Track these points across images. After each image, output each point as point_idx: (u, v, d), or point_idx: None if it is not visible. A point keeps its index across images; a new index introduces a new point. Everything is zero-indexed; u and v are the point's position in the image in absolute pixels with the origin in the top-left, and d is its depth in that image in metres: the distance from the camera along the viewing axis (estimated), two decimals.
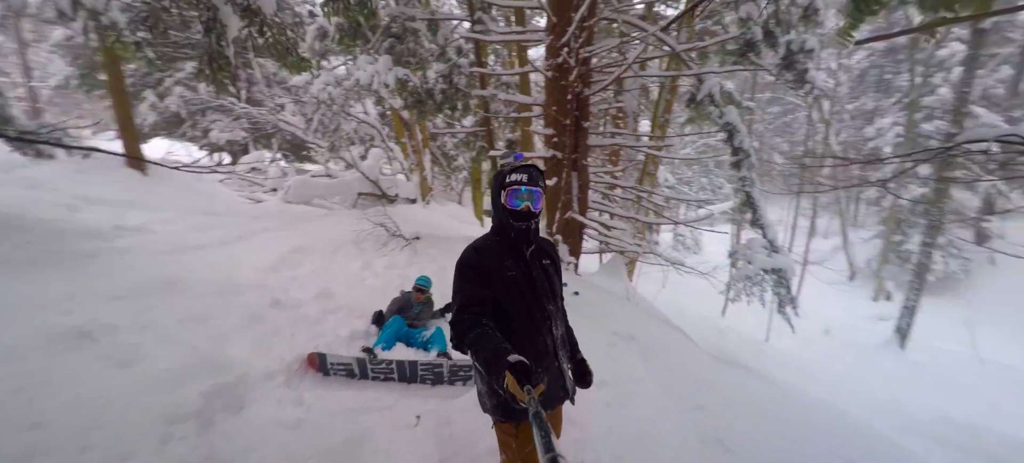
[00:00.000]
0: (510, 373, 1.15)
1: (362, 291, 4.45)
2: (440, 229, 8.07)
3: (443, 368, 3.01)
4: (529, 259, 1.55)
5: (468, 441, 2.44)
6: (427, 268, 5.18)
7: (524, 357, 1.39)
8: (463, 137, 8.89)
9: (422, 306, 3.81)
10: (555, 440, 0.89)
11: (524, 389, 1.13)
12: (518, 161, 1.55)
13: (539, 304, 1.53)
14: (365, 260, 5.32)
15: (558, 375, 1.55)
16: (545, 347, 1.53)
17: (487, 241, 1.59)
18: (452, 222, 10.28)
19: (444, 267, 5.23)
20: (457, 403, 2.75)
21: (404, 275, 4.92)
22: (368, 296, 4.35)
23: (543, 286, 1.56)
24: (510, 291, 1.49)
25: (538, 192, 1.50)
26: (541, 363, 1.51)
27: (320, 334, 3.42)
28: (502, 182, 1.52)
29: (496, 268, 1.49)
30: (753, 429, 2.85)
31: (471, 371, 3.06)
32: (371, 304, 4.18)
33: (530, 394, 1.12)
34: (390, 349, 3.25)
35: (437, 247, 5.93)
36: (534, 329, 1.51)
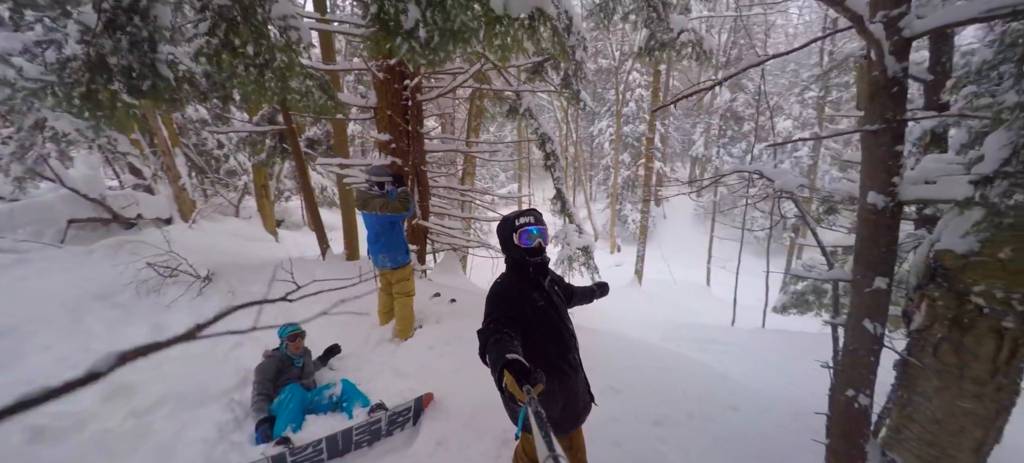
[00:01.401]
0: (508, 372, 1.19)
1: (178, 365, 3.20)
2: (234, 255, 6.36)
3: (381, 423, 2.64)
4: (548, 289, 1.73)
5: None
6: (266, 315, 4.13)
7: (554, 368, 1.61)
8: (246, 136, 7.15)
9: (304, 358, 3.15)
10: (555, 440, 0.90)
11: (523, 388, 1.14)
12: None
13: (565, 326, 1.73)
14: (151, 321, 3.77)
15: (585, 383, 1.79)
16: (576, 362, 1.75)
17: (511, 279, 1.68)
18: (242, 243, 8.18)
19: (284, 307, 4.29)
20: (414, 451, 2.53)
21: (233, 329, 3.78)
22: (194, 369, 3.18)
23: (563, 311, 1.77)
24: (542, 320, 1.66)
25: (544, 230, 1.73)
26: (576, 376, 1.73)
27: (169, 452, 2.34)
28: (512, 227, 1.69)
29: (527, 300, 1.63)
30: (627, 372, 3.82)
31: (408, 414, 2.82)
32: (208, 379, 3.09)
33: (529, 393, 1.12)
34: (301, 427, 2.57)
35: (245, 279, 4.73)
36: (565, 348, 1.71)
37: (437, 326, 4.13)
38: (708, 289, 13.86)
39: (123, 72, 2.63)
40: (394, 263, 3.79)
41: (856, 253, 1.97)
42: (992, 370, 1.70)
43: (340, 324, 4.13)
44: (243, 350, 3.57)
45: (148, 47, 2.60)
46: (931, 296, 1.82)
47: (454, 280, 7.74)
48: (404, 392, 3.04)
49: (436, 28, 2.25)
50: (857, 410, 2.10)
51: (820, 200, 2.84)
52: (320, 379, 3.33)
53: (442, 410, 2.98)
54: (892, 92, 1.70)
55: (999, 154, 1.20)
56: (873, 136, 1.77)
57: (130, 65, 2.59)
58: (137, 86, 2.69)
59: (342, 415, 2.84)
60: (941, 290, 1.77)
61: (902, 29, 1.62)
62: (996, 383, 1.72)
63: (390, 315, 4.11)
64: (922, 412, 1.94)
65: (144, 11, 2.57)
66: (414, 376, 3.37)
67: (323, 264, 5.96)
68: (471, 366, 3.51)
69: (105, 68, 2.69)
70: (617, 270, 16.63)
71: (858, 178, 1.94)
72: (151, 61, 2.63)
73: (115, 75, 2.60)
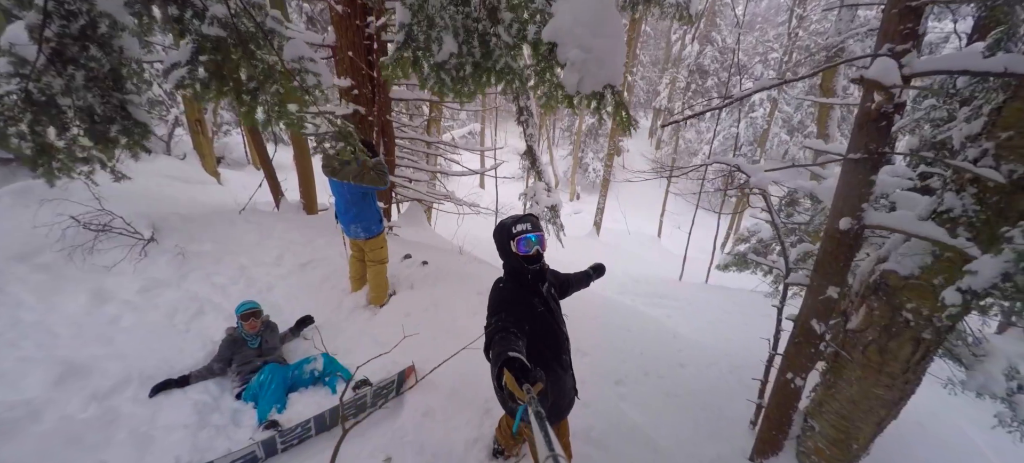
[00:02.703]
0: (508, 371, 1.21)
1: (132, 339, 2.99)
2: (174, 203, 5.76)
3: (367, 396, 2.70)
4: (546, 294, 1.80)
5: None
6: (225, 277, 3.90)
7: (555, 371, 1.74)
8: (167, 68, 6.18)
9: (263, 335, 3.02)
10: (555, 440, 0.92)
11: (523, 388, 1.15)
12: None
13: (560, 329, 1.83)
14: (90, 287, 3.42)
15: (573, 380, 1.94)
16: (567, 362, 1.88)
17: (511, 286, 1.74)
18: (181, 188, 7.39)
19: (245, 269, 4.05)
20: (402, 423, 2.64)
21: (191, 296, 3.55)
22: (153, 344, 3.00)
23: (558, 315, 1.85)
24: (540, 324, 1.73)
25: (540, 236, 1.75)
26: (565, 375, 1.86)
27: (147, 441, 2.26)
28: (509, 233, 1.69)
29: (528, 307, 1.70)
30: (593, 334, 4.12)
31: (392, 387, 2.90)
32: (172, 354, 2.95)
33: (529, 392, 1.13)
34: (286, 407, 2.56)
35: (195, 235, 4.34)
36: (559, 350, 1.82)
37: (412, 292, 4.14)
38: (659, 241, 14.84)
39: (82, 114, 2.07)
40: (367, 234, 3.66)
41: (817, 263, 2.21)
42: (905, 368, 2.07)
43: (311, 290, 4.01)
44: (206, 319, 3.39)
45: (112, 84, 2.04)
46: (871, 305, 2.12)
47: (421, 234, 7.62)
48: (386, 364, 3.09)
49: (471, 61, 1.99)
50: (793, 389, 2.48)
51: (783, 195, 3.07)
52: (294, 350, 3.28)
53: (425, 381, 3.09)
54: (879, 125, 1.82)
55: (991, 276, 1.37)
56: (853, 164, 1.91)
57: (90, 107, 2.04)
58: (102, 133, 2.15)
59: (325, 389, 2.87)
60: (880, 302, 2.06)
61: (903, 66, 1.70)
62: (905, 378, 2.09)
63: (362, 281, 4.04)
64: (843, 393, 2.34)
65: (104, 40, 1.98)
66: (393, 345, 3.42)
67: (280, 217, 5.58)
68: (448, 335, 3.62)
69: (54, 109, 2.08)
70: (576, 217, 17.16)
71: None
72: (119, 102, 2.09)
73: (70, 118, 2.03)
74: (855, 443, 2.36)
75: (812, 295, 2.22)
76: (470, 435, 2.64)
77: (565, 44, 1.97)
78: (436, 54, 2.06)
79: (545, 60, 2.07)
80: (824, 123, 6.52)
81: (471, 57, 2.07)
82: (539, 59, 2.06)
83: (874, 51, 1.79)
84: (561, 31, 2.00)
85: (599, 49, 1.92)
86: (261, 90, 2.13)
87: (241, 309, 3.00)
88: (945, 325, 1.91)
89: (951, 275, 1.83)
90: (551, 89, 2.15)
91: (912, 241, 1.96)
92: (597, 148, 23.49)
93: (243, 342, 2.93)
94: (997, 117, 1.69)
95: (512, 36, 2.17)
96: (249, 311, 2.99)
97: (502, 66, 2.10)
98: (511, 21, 2.20)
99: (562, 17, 1.98)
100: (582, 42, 1.94)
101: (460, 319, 3.78)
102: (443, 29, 1.99)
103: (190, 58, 2.00)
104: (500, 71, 2.12)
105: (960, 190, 1.80)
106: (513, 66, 2.17)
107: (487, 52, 2.06)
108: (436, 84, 2.17)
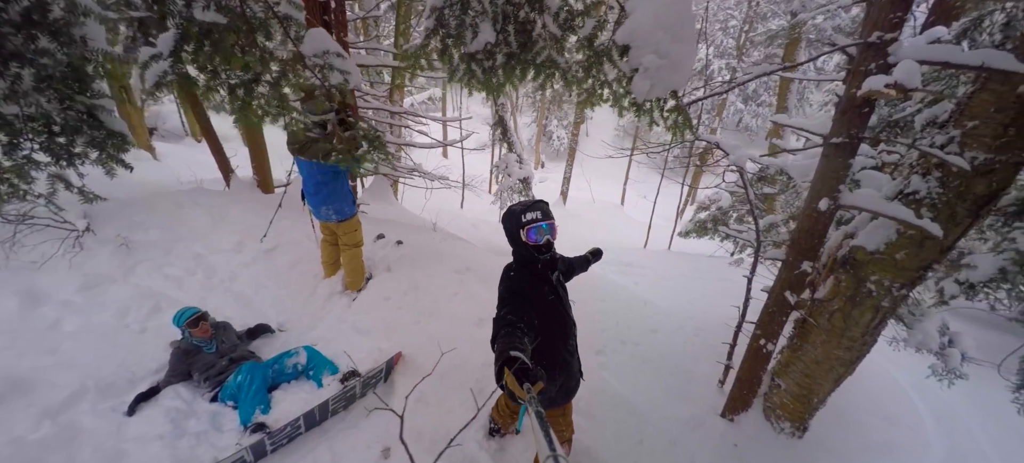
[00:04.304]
0: (509, 371, 1.20)
1: (80, 346, 2.69)
2: (111, 186, 5.11)
3: (355, 389, 2.62)
4: (556, 282, 1.80)
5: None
6: (179, 268, 3.56)
7: (558, 358, 1.77)
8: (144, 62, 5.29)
9: (218, 338, 2.79)
10: (555, 439, 0.94)
11: (524, 387, 1.15)
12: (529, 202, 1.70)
13: (568, 316, 1.85)
14: (18, 288, 3.01)
15: (579, 363, 1.98)
16: (574, 347, 1.91)
17: (522, 275, 1.73)
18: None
19: (201, 258, 3.72)
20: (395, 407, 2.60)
21: (143, 292, 3.22)
22: (106, 349, 2.72)
23: (566, 302, 1.86)
24: (548, 312, 1.74)
25: (551, 225, 1.72)
26: (572, 360, 1.90)
27: (118, 457, 2.07)
28: (518, 222, 1.66)
29: (539, 295, 1.71)
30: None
31: (380, 374, 2.84)
32: (131, 359, 2.69)
33: (530, 392, 1.13)
34: (270, 408, 2.42)
35: (137, 222, 3.90)
36: (567, 336, 1.85)
37: (389, 275, 4.01)
38: (623, 209, 15.32)
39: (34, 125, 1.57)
40: (340, 216, 3.44)
41: (793, 240, 2.36)
42: (864, 332, 2.30)
43: (280, 277, 3.77)
44: (164, 316, 3.10)
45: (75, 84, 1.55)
46: (838, 277, 2.31)
47: (388, 209, 7.33)
48: (372, 352, 3.02)
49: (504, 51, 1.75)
50: (764, 353, 2.70)
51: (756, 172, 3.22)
52: (270, 344, 3.11)
53: (413, 366, 3.06)
54: (862, 111, 1.91)
55: (989, 272, 1.49)
56: (834, 148, 2.01)
57: (45, 115, 1.55)
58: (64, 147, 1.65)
59: (309, 383, 2.76)
60: (847, 275, 2.25)
61: (889, 54, 1.77)
62: (863, 341, 2.33)
63: (336, 266, 3.85)
64: (808, 355, 2.58)
65: (58, 28, 1.48)
66: (376, 332, 3.33)
67: (233, 198, 5.12)
68: (431, 318, 3.58)
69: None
70: (541, 186, 17.23)
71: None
72: (85, 108, 1.60)
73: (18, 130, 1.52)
74: (816, 397, 2.63)
75: (787, 269, 2.38)
76: (465, 417, 2.66)
77: (641, 48, 1.77)
78: (469, 43, 1.84)
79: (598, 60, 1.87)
80: (784, 96, 6.84)
81: (507, 47, 1.89)
82: (595, 58, 1.88)
83: (862, 38, 1.86)
84: (638, 34, 1.81)
85: (676, 55, 1.75)
86: (257, 83, 1.83)
87: (182, 318, 2.72)
88: (901, 294, 2.13)
89: (911, 251, 2.02)
90: (595, 88, 1.99)
91: (879, 219, 2.13)
92: (561, 116, 23.39)
93: (197, 349, 2.70)
94: (965, 107, 1.83)
95: (560, 27, 1.96)
96: (194, 317, 2.73)
97: (544, 59, 1.94)
98: (560, 8, 1.95)
99: (641, 18, 1.79)
100: (660, 47, 1.76)
101: (442, 301, 3.73)
102: (480, 15, 1.78)
103: (173, 48, 1.65)
104: (540, 65, 1.96)
105: (926, 173, 1.96)
106: (557, 61, 1.98)
107: (526, 42, 1.89)
108: (465, 76, 1.97)
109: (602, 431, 2.80)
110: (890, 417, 3.31)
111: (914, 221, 1.87)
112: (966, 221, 1.91)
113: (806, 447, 2.83)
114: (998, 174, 1.80)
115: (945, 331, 2.59)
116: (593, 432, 2.77)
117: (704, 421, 3.09)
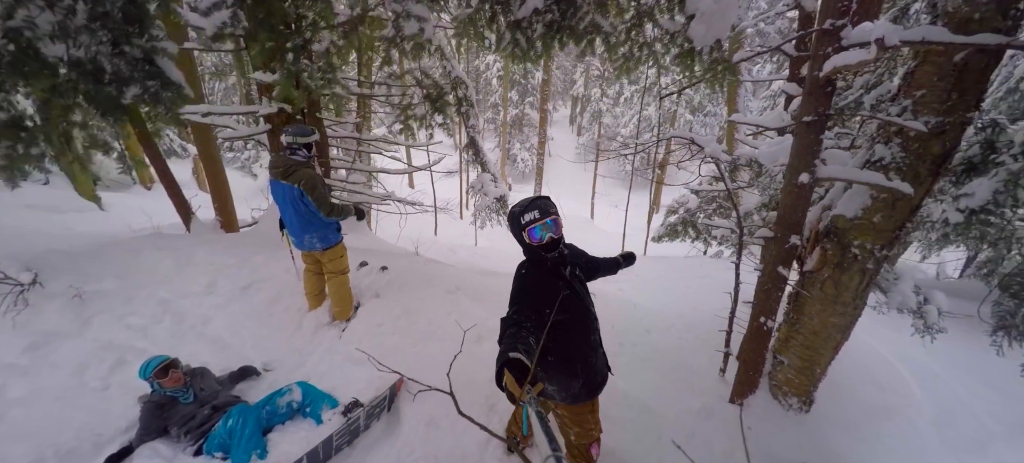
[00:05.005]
0: (508, 371, 1.20)
1: (32, 411, 2.34)
2: (48, 236, 4.64)
3: (360, 421, 2.43)
4: (570, 276, 1.78)
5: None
6: (142, 316, 3.24)
7: (579, 354, 1.75)
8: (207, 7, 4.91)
9: (194, 386, 2.54)
10: (557, 439, 0.96)
11: (523, 388, 1.15)
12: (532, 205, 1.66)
13: (587, 310, 1.82)
14: None
15: (603, 358, 1.95)
16: (596, 342, 1.88)
17: (533, 271, 1.71)
18: (50, 217, 5.96)
19: (168, 303, 3.41)
20: (406, 439, 2.44)
21: (102, 345, 2.89)
22: (65, 411, 2.39)
23: (585, 295, 1.84)
24: (566, 308, 1.71)
25: (554, 220, 1.72)
26: (595, 355, 1.86)
27: None
28: (519, 224, 1.67)
29: (552, 291, 1.66)
30: None
31: (384, 403, 2.67)
32: (95, 420, 2.38)
33: (530, 393, 1.12)
34: (267, 453, 2.18)
35: (89, 273, 3.53)
36: (588, 330, 1.82)
37: (378, 301, 3.84)
38: (593, 223, 15.69)
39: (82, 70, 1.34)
40: (325, 243, 3.29)
41: (779, 217, 2.50)
42: (854, 296, 2.44)
43: (260, 316, 3.51)
44: (129, 369, 2.78)
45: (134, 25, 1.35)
46: (824, 247, 2.46)
47: (363, 239, 7.09)
48: (373, 381, 2.84)
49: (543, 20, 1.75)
50: (765, 331, 2.79)
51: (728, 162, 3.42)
52: (257, 386, 2.85)
53: (417, 390, 2.90)
54: (826, 90, 2.09)
55: (985, 196, 1.64)
56: (806, 126, 2.19)
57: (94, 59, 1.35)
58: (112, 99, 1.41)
59: (307, 421, 2.54)
60: (832, 243, 2.41)
61: (842, 38, 1.97)
62: (854, 304, 2.48)
63: (321, 297, 3.64)
64: (806, 326, 2.70)
65: None
66: (368, 362, 3.15)
67: (197, 240, 4.77)
68: (429, 340, 3.44)
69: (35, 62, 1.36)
70: None
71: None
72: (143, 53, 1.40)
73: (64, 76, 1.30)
74: (818, 368, 2.74)
75: (777, 245, 2.51)
76: (481, 436, 2.53)
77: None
78: (516, 10, 1.80)
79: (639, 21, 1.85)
80: (733, 99, 7.39)
81: (549, 14, 1.90)
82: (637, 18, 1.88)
83: (818, 24, 2.06)
84: None
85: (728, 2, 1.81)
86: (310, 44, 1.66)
87: (149, 369, 2.43)
88: (883, 255, 2.30)
89: (886, 213, 2.20)
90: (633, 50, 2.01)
91: (853, 187, 2.31)
92: (523, 139, 23.98)
93: (172, 401, 2.43)
94: (911, 79, 2.06)
95: None
96: (162, 365, 2.46)
97: (587, 24, 1.96)
98: None
99: None
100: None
101: (437, 322, 3.61)
102: None
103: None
104: (582, 31, 1.98)
105: (887, 141, 2.17)
106: (601, 24, 2.00)
107: (568, 8, 1.90)
108: (509, 46, 1.95)
109: (621, 431, 2.75)
110: (880, 383, 3.49)
111: (886, 183, 2.05)
112: (928, 180, 2.11)
113: (815, 421, 2.92)
114: (949, 134, 2.02)
115: (919, 290, 2.79)
116: (612, 433, 2.71)
117: (715, 410, 3.12)
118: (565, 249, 1.79)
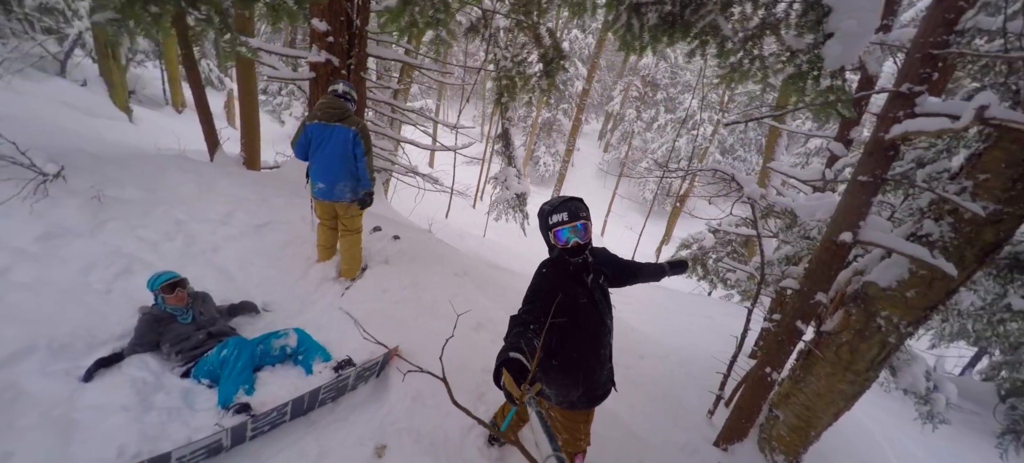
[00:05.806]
0: (507, 372, 1.20)
1: (33, 299, 2.36)
2: (77, 137, 4.69)
3: (349, 379, 2.42)
4: (591, 285, 1.73)
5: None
6: (155, 231, 3.26)
7: (583, 363, 1.70)
8: None
9: (195, 309, 2.55)
10: (556, 438, 0.97)
11: (522, 388, 1.15)
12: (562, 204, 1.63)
13: (602, 323, 1.77)
14: None
15: (610, 373, 1.90)
16: (605, 356, 1.83)
17: (554, 272, 1.68)
18: (82, 119, 6.05)
19: (182, 224, 3.43)
20: (391, 408, 2.42)
21: (112, 250, 2.92)
22: (65, 308, 2.40)
23: (603, 307, 1.79)
24: (581, 316, 1.67)
25: (583, 224, 1.67)
26: (601, 369, 1.82)
27: (69, 427, 1.77)
28: (546, 223, 1.63)
29: (569, 296, 1.63)
30: None
31: (375, 368, 2.66)
32: (92, 321, 2.39)
33: (529, 393, 1.13)
34: (254, 389, 2.18)
35: (113, 178, 3.53)
36: (598, 344, 1.77)
37: (387, 267, 3.84)
38: (602, 239, 15.58)
39: None
40: (354, 195, 3.29)
41: (809, 271, 2.43)
42: (869, 366, 2.37)
43: (270, 256, 3.52)
44: (135, 280, 2.80)
45: None
46: (849, 310, 2.39)
47: (378, 206, 7.11)
48: (367, 342, 2.82)
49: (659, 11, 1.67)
50: (768, 382, 2.72)
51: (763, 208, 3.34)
52: (253, 322, 2.86)
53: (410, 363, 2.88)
54: (888, 154, 2.02)
55: None
56: (860, 186, 2.11)
57: None
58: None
59: (297, 368, 2.53)
60: (858, 308, 2.33)
61: (916, 104, 1.90)
62: (867, 375, 2.40)
63: (331, 251, 3.64)
64: (811, 387, 2.62)
65: None
66: (371, 324, 3.09)
67: (220, 170, 4.81)
68: (431, 317, 3.42)
69: None
70: None
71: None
72: None
73: None
74: (813, 430, 2.66)
75: (801, 298, 2.44)
76: (466, 421, 2.50)
77: (842, 11, 1.71)
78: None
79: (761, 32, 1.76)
80: (772, 147, 7.28)
81: (667, 5, 1.82)
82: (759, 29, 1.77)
83: (894, 87, 1.99)
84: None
85: (868, 25, 1.72)
86: None
87: (158, 281, 2.47)
88: (908, 332, 2.22)
89: (921, 289, 2.12)
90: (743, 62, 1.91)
91: (892, 258, 2.23)
92: (549, 143, 23.90)
93: (170, 318, 2.44)
94: (977, 161, 1.98)
95: None
96: (171, 281, 2.48)
97: (706, 24, 1.88)
98: None
99: None
100: (862, 15, 1.68)
101: (441, 302, 3.58)
102: None
103: None
104: (699, 30, 1.90)
105: (938, 218, 2.09)
106: (721, 26, 1.90)
107: (692, 2, 1.80)
108: (622, 28, 1.87)
109: (604, 450, 2.70)
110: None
111: (930, 260, 1.97)
112: (973, 265, 2.03)
113: None
114: (1005, 224, 1.94)
115: (930, 375, 2.70)
116: (595, 449, 2.67)
117: (699, 449, 3.05)
118: (590, 256, 1.75)
